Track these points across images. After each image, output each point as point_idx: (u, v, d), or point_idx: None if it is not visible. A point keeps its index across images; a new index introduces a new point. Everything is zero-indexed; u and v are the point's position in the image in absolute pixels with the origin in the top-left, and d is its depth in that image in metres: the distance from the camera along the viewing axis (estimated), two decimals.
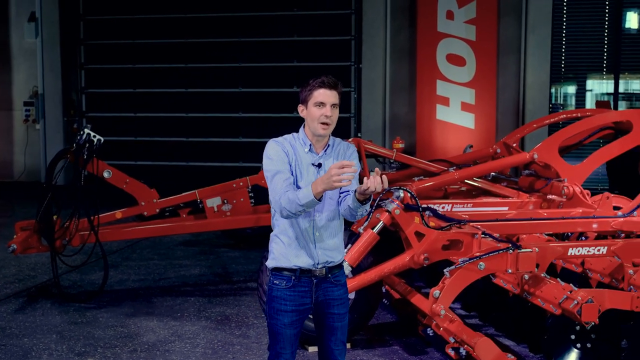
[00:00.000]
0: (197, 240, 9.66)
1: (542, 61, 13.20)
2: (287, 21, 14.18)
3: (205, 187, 7.54)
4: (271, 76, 14.27)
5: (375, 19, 13.66)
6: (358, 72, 13.92)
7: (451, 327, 4.85)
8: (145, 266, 8.39)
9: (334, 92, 3.64)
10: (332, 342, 3.73)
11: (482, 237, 5.29)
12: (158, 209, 7.38)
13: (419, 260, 5.36)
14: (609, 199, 6.51)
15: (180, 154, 14.64)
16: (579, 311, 4.48)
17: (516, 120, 13.40)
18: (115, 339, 5.93)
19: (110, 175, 7.22)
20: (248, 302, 6.94)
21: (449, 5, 12.91)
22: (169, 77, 14.56)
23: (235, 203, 7.45)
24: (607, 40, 13.56)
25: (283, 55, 14.21)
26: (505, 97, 13.30)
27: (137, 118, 14.74)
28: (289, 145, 3.64)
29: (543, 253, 5.04)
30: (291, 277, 3.60)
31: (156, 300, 7.03)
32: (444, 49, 12.98)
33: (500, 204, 7.30)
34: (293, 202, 3.41)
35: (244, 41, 14.28)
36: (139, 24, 14.56)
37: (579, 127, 7.81)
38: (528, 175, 7.80)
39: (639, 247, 5.26)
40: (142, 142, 14.69)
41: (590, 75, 14.05)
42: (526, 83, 13.28)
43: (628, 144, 7.65)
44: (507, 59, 13.22)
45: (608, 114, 8.15)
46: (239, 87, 14.39)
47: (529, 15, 13.12)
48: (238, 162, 14.42)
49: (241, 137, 14.49)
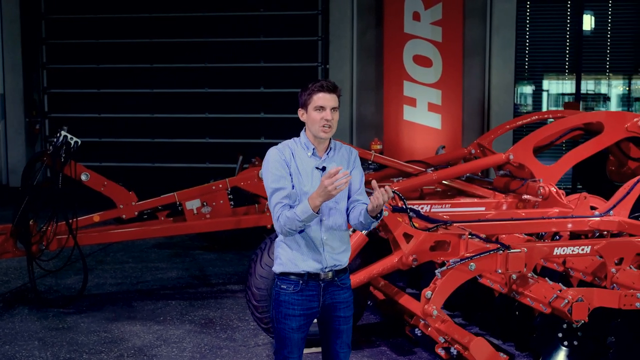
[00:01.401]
0: (170, 243, 9.58)
1: (506, 62, 13.43)
2: (253, 21, 14.15)
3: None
4: (238, 77, 14.22)
5: (342, 19, 13.72)
6: (325, 72, 13.96)
7: (443, 327, 4.91)
8: (120, 269, 8.30)
9: (334, 96, 3.65)
10: (338, 345, 3.75)
11: (469, 238, 5.37)
12: (136, 212, 7.30)
13: (408, 262, 5.41)
14: (587, 199, 6.65)
15: (146, 155, 14.49)
16: (569, 310, 4.57)
17: (482, 121, 13.61)
18: (99, 344, 5.86)
19: (88, 178, 7.12)
20: (230, 305, 6.92)
21: (415, 6, 13.04)
22: (134, 77, 14.39)
23: (214, 205, 7.41)
24: (569, 41, 13.86)
25: (249, 56, 14.17)
26: (471, 98, 13.50)
27: (101, 119, 14.54)
28: (289, 151, 3.65)
29: (530, 253, 5.13)
30: (299, 281, 3.61)
31: (137, 304, 6.95)
32: (410, 50, 13.11)
33: (478, 205, 7.40)
34: (292, 219, 3.44)
35: (210, 41, 14.19)
36: (103, 23, 14.36)
37: (553, 128, 7.98)
38: (503, 175, 7.93)
39: (621, 246, 5.38)
40: (107, 143, 14.50)
41: (552, 76, 14.35)
42: (491, 84, 13.50)
43: (600, 144, 7.84)
44: (472, 60, 13.41)
45: (580, 116, 8.33)
46: (205, 88, 14.30)
47: (493, 17, 13.34)
48: (205, 163, 14.35)
49: (208, 138, 14.40)
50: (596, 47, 13.94)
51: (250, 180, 7.55)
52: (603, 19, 13.87)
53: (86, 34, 14.42)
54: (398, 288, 5.85)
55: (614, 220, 6.27)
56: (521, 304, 5.28)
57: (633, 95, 14.56)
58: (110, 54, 14.39)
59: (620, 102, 14.54)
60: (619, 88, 14.61)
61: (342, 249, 3.68)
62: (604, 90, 14.56)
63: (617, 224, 6.24)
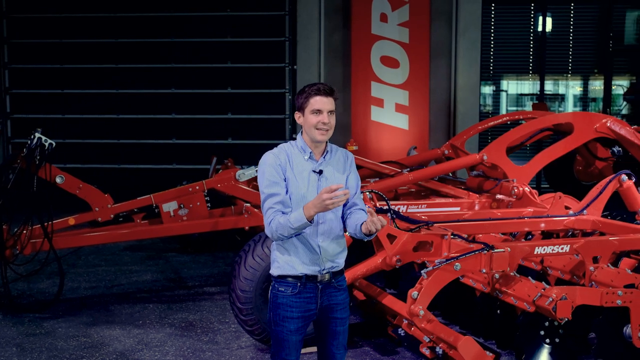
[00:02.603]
0: (142, 245, 9.49)
1: (472, 63, 13.60)
2: (220, 22, 14.06)
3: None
4: (205, 77, 14.12)
5: (310, 20, 13.73)
6: (293, 73, 13.96)
7: (429, 327, 4.97)
8: (94, 273, 8.20)
9: (330, 99, 3.67)
10: (334, 346, 3.77)
11: (452, 238, 5.44)
12: (112, 215, 7.22)
13: (392, 262, 5.46)
14: (561, 199, 6.78)
15: (111, 156, 14.29)
16: (554, 308, 4.66)
17: (448, 121, 13.77)
18: (79, 349, 5.78)
19: (63, 180, 7.02)
20: (209, 308, 6.89)
21: (383, 8, 13.13)
22: (99, 77, 14.17)
23: (191, 207, 7.37)
24: (533, 43, 14.10)
25: (216, 57, 14.08)
26: (438, 99, 13.64)
27: (65, 120, 14.29)
28: (284, 156, 3.65)
29: (513, 253, 5.21)
30: (297, 283, 3.62)
31: (114, 308, 6.88)
32: (378, 51, 13.19)
33: (453, 205, 7.49)
34: (285, 226, 3.46)
35: (176, 42, 14.07)
36: (67, 23, 14.12)
37: (525, 129, 8.11)
38: (476, 176, 8.04)
39: (599, 245, 5.50)
40: (71, 145, 14.25)
41: (516, 77, 14.59)
42: (457, 85, 13.65)
43: (570, 145, 8.00)
44: (438, 61, 13.55)
45: (551, 117, 8.49)
46: (171, 88, 14.18)
47: (459, 19, 13.49)
48: (172, 164, 14.23)
49: (174, 139, 14.28)
50: (558, 48, 14.22)
51: (227, 182, 7.51)
52: (565, 20, 14.15)
53: (49, 33, 14.16)
54: (380, 288, 5.90)
55: (588, 219, 6.41)
56: (503, 303, 5.37)
57: (590, 95, 14.89)
58: (74, 53, 14.16)
59: (579, 102, 14.86)
60: (577, 88, 14.92)
61: (339, 251, 3.70)
62: (565, 90, 14.87)
63: (591, 223, 6.38)
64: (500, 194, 7.50)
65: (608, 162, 9.35)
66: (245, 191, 7.54)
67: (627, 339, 4.96)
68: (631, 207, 6.75)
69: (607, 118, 8.09)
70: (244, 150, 13.76)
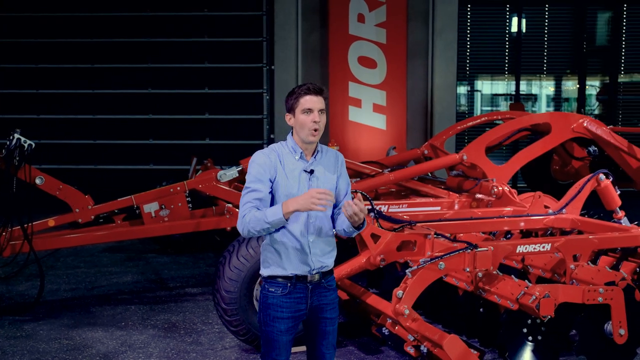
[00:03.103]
0: (121, 246, 9.43)
1: (448, 64, 13.71)
2: (197, 22, 14.03)
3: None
4: (182, 77, 14.08)
5: (287, 20, 13.75)
6: (270, 73, 13.96)
7: (414, 326, 5.00)
8: (73, 275, 8.13)
9: (320, 98, 3.69)
10: (324, 346, 3.79)
11: (435, 238, 5.48)
12: (93, 216, 7.17)
13: (376, 262, 5.49)
14: (540, 198, 6.86)
15: (87, 157, 14.19)
16: (537, 306, 4.73)
17: (425, 121, 13.86)
18: (62, 352, 5.74)
19: (42, 181, 6.96)
20: (192, 309, 6.87)
21: (360, 8, 13.19)
22: (74, 77, 14.06)
23: (173, 208, 7.33)
24: (508, 44, 14.25)
25: (194, 56, 14.05)
26: (415, 99, 13.73)
27: (40, 120, 14.16)
28: (275, 155, 3.66)
29: (496, 251, 5.27)
30: (287, 284, 3.63)
31: (95, 310, 6.83)
32: (355, 51, 13.26)
33: (433, 204, 7.55)
34: (260, 220, 3.46)
35: (153, 41, 14.00)
36: (43, 22, 13.99)
37: (504, 129, 8.20)
38: (456, 175, 8.10)
39: (579, 243, 5.58)
40: (46, 145, 14.09)
41: (492, 77, 14.74)
42: (434, 85, 13.76)
43: (548, 144, 8.09)
44: (415, 61, 13.65)
45: (529, 117, 8.59)
46: (148, 89, 14.11)
47: (435, 19, 13.60)
48: (148, 164, 14.16)
49: (151, 140, 14.21)
50: (533, 49, 14.39)
51: (208, 182, 7.50)
52: (540, 21, 14.31)
53: (25, 32, 14.02)
54: (364, 288, 5.93)
55: (567, 218, 6.49)
56: (486, 301, 5.43)
57: (564, 96, 15.08)
58: (50, 53, 14.03)
59: (552, 102, 15.04)
60: (551, 89, 15.11)
61: (328, 250, 3.72)
62: (539, 91, 15.05)
63: (570, 222, 6.47)
64: (480, 193, 7.56)
65: (584, 162, 9.49)
66: (227, 192, 7.53)
67: (608, 335, 5.03)
68: (609, 206, 6.85)
69: (583, 118, 8.20)
70: (222, 150, 13.73)
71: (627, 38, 14.30)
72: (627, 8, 14.21)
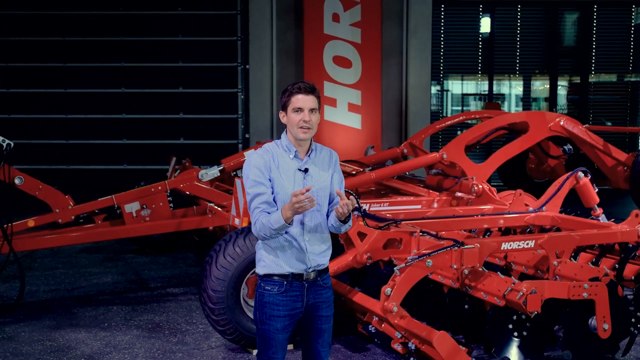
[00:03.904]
0: (98, 247, 9.34)
1: (423, 63, 13.80)
2: (171, 21, 13.93)
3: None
4: (156, 76, 13.97)
5: (262, 20, 13.72)
6: (245, 73, 13.93)
7: (403, 323, 5.04)
8: (52, 276, 8.03)
9: (312, 97, 3.70)
10: (320, 344, 3.80)
11: (421, 235, 5.53)
12: (73, 216, 7.10)
13: (362, 260, 5.53)
14: (521, 196, 6.95)
15: (60, 157, 14.01)
16: (524, 302, 4.79)
17: (400, 121, 13.94)
18: (46, 353, 5.67)
19: (22, 181, 6.87)
20: (174, 309, 6.83)
21: (335, 8, 13.22)
22: (46, 76, 13.87)
23: (154, 208, 7.30)
24: (482, 44, 14.39)
25: (168, 56, 13.95)
26: (390, 98, 13.80)
27: (11, 120, 13.94)
28: (269, 156, 3.67)
29: (482, 249, 5.33)
30: (283, 282, 3.64)
31: (77, 311, 6.76)
32: (330, 51, 13.28)
33: (414, 202, 7.61)
34: (266, 227, 3.50)
35: (127, 40, 13.87)
36: (13, 20, 13.78)
37: (483, 128, 8.29)
38: (435, 174, 8.17)
39: (562, 240, 5.67)
40: (17, 145, 13.87)
41: (466, 77, 14.87)
42: (408, 84, 13.84)
43: (526, 143, 8.21)
44: (390, 61, 13.71)
45: (507, 116, 8.70)
46: (122, 88, 13.98)
47: (410, 19, 13.68)
48: (122, 164, 14.03)
49: (125, 139, 14.08)
50: (506, 49, 14.54)
51: (190, 182, 7.47)
52: (512, 22, 14.47)
53: None
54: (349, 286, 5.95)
55: (547, 216, 6.59)
56: (471, 298, 5.49)
57: (535, 95, 15.28)
58: (21, 52, 13.82)
59: (523, 102, 15.22)
60: (519, 89, 15.28)
61: (324, 248, 3.74)
62: (509, 90, 15.22)
63: (550, 219, 6.58)
64: (460, 191, 7.64)
65: (560, 160, 9.63)
66: (209, 191, 7.51)
67: (592, 330, 5.12)
68: (587, 204, 6.98)
69: (560, 117, 8.33)
70: (197, 150, 13.66)
71: (598, 38, 14.53)
72: (597, 9, 14.44)
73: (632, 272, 5.82)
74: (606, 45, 14.60)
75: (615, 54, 14.68)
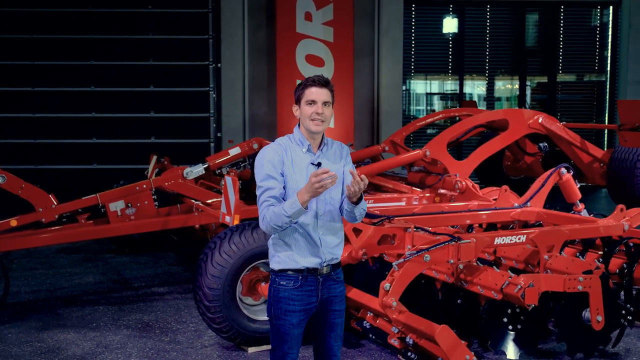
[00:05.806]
0: (75, 247, 9.19)
1: (394, 63, 13.90)
2: (142, 18, 13.78)
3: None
4: (126, 75, 13.80)
5: (233, 18, 13.67)
6: (217, 71, 13.85)
7: (402, 318, 5.07)
8: (32, 276, 7.89)
9: (325, 90, 3.72)
10: (332, 338, 3.82)
11: (415, 231, 5.57)
12: (57, 215, 6.98)
13: (358, 256, 5.55)
14: (507, 192, 7.04)
15: (28, 156, 13.74)
16: (522, 295, 4.87)
17: (372, 119, 14.01)
18: (36, 355, 5.57)
19: (4, 180, 6.73)
20: (162, 308, 6.77)
21: (307, 6, 13.23)
22: (14, 75, 13.60)
23: (139, 206, 7.21)
24: (452, 43, 14.54)
25: (138, 54, 13.79)
26: (362, 97, 13.87)
27: None
28: (283, 150, 3.67)
29: (477, 244, 5.39)
30: (298, 277, 3.64)
31: (62, 312, 6.65)
32: (302, 50, 13.29)
33: (398, 199, 7.66)
34: (279, 215, 3.47)
35: (96, 38, 13.66)
36: None
37: (463, 126, 8.38)
38: (417, 171, 8.24)
39: (552, 235, 5.77)
40: None
41: (437, 77, 15.01)
42: (380, 83, 13.92)
43: (506, 140, 8.32)
44: (362, 60, 13.78)
45: (487, 114, 8.82)
46: (91, 86, 13.77)
47: (381, 19, 13.76)
48: (92, 164, 13.83)
49: (94, 139, 13.88)
50: (475, 48, 14.72)
51: (175, 180, 7.41)
52: (482, 22, 14.66)
53: None
54: None
55: (533, 211, 6.69)
56: (465, 293, 5.56)
57: (504, 95, 15.49)
58: None
59: (492, 101, 15.42)
60: (482, 88, 15.47)
61: (337, 242, 3.75)
62: (476, 90, 15.41)
63: (535, 214, 6.68)
64: (443, 188, 7.71)
65: (536, 157, 9.78)
66: (194, 189, 7.46)
67: (586, 322, 5.22)
68: (569, 199, 7.09)
69: (539, 114, 8.47)
70: (168, 149, 13.50)
71: (565, 38, 14.80)
72: (563, 9, 14.70)
73: (616, 265, 5.96)
74: (572, 46, 14.88)
75: (581, 54, 14.96)
